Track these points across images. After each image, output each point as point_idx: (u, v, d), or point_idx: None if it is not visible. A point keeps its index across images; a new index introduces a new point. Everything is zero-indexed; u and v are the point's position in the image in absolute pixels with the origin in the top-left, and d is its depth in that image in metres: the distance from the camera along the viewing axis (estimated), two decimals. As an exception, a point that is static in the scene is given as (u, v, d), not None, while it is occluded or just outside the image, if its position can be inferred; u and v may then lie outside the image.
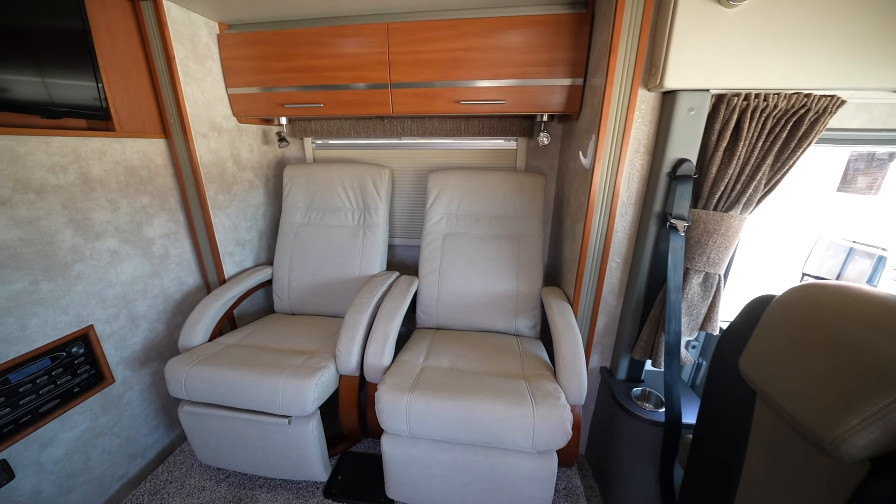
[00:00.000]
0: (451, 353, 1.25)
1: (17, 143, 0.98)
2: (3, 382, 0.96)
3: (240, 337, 1.35)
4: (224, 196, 1.55)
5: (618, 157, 1.15)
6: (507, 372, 1.14)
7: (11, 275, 0.98)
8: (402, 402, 0.97)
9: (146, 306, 1.35)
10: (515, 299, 1.48)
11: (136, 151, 1.29)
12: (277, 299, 1.65)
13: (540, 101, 1.36)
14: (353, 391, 1.18)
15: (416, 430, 0.98)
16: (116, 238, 1.24)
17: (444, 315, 1.51)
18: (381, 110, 1.46)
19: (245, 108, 1.57)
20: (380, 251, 1.61)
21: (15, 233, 0.98)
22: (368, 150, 1.87)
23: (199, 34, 1.41)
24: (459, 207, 1.60)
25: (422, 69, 1.37)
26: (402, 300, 1.31)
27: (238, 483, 1.26)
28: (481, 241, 1.55)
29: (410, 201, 1.90)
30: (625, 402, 1.22)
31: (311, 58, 1.43)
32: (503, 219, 1.57)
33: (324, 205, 1.68)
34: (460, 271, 1.52)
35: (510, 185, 1.56)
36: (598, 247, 1.24)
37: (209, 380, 1.09)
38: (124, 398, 1.29)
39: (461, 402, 0.96)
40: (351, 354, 1.14)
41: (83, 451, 1.17)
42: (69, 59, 1.07)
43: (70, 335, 1.11)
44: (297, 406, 1.04)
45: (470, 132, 1.68)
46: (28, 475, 1.03)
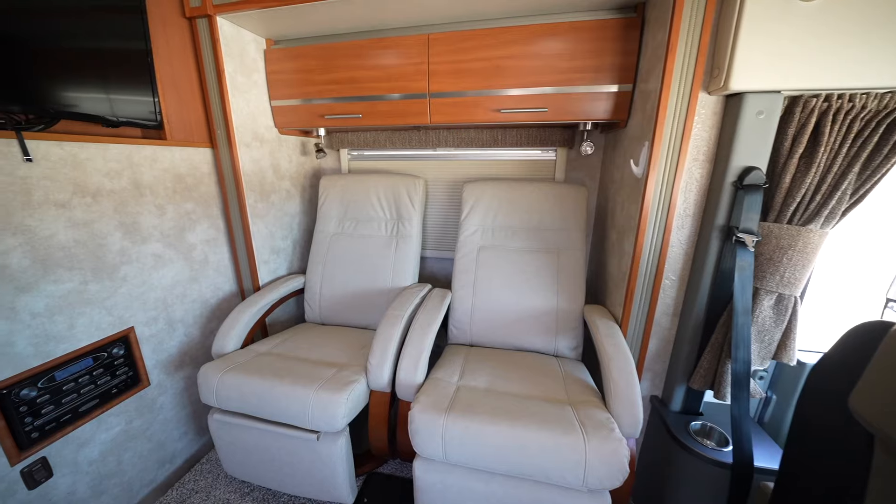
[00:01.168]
0: (488, 372, 1.17)
1: (79, 150, 1.03)
2: (49, 380, 0.98)
3: (271, 345, 1.34)
4: (263, 204, 1.58)
5: (674, 166, 1.06)
6: (550, 396, 1.04)
7: (64, 274, 1.01)
8: (438, 425, 0.90)
9: (184, 311, 1.37)
10: (555, 317, 1.38)
11: (183, 160, 1.33)
12: (308, 308, 1.64)
13: (584, 109, 1.30)
14: (383, 408, 1.12)
15: (453, 455, 0.90)
16: (161, 242, 1.27)
17: (478, 331, 1.44)
18: (418, 120, 1.44)
19: (286, 119, 1.60)
20: (412, 262, 1.58)
21: (71, 234, 1.02)
22: (403, 162, 1.86)
23: (247, 49, 1.46)
24: (495, 219, 1.54)
25: (462, 78, 1.35)
26: (436, 314, 1.26)
27: (262, 498, 1.21)
28: (518, 254, 1.48)
29: (443, 213, 1.86)
30: (682, 438, 1.09)
31: (352, 70, 1.45)
32: (541, 231, 1.50)
33: (357, 215, 1.67)
34: (496, 285, 1.45)
35: (549, 196, 1.49)
36: (650, 263, 1.14)
37: (240, 388, 1.07)
38: (158, 402, 1.30)
39: (503, 429, 0.87)
40: (383, 369, 1.09)
41: (116, 454, 1.17)
42: (132, 77, 1.13)
43: (112, 336, 1.13)
44: (326, 421, 0.99)
45: (507, 143, 1.64)
46: (65, 474, 1.03)
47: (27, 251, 0.93)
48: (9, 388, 0.90)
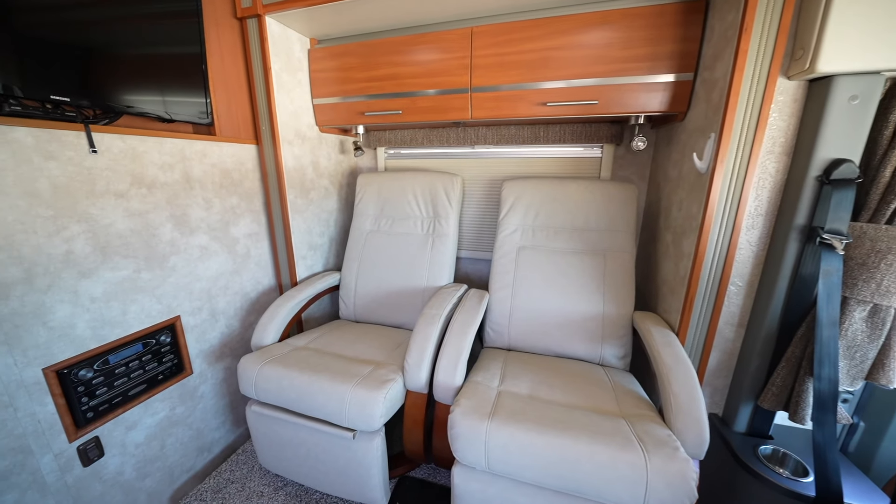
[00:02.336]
0: (529, 378, 1.10)
1: (138, 143, 1.07)
2: (103, 363, 1.02)
3: (307, 340, 1.34)
4: (302, 201, 1.60)
5: (746, 160, 0.96)
6: (599, 408, 0.96)
7: (120, 262, 1.05)
8: (481, 431, 0.84)
9: (226, 302, 1.40)
10: (601, 323, 1.29)
11: (230, 155, 1.37)
12: (343, 305, 1.64)
13: (637, 101, 1.21)
14: (420, 410, 1.08)
15: (496, 465, 0.84)
16: (207, 235, 1.30)
17: (517, 335, 1.37)
18: (458, 116, 1.41)
19: (327, 117, 1.62)
20: (448, 261, 1.54)
21: (128, 223, 1.06)
22: (439, 160, 1.84)
23: (292, 48, 1.49)
24: (536, 218, 1.48)
25: (506, 71, 1.30)
26: (475, 315, 1.21)
27: (295, 494, 1.20)
28: (561, 255, 1.40)
29: (480, 212, 1.82)
30: (750, 463, 0.97)
31: (393, 66, 1.44)
32: (586, 232, 1.41)
33: (393, 212, 1.66)
34: (536, 287, 1.38)
35: (595, 195, 1.41)
36: (714, 266, 1.04)
37: (278, 381, 1.06)
38: (199, 391, 1.33)
39: (552, 439, 0.81)
40: (420, 369, 1.05)
41: (160, 439, 1.20)
42: (187, 82, 1.18)
43: (160, 324, 1.17)
44: (363, 420, 0.96)
45: (549, 139, 1.57)
46: (114, 455, 1.07)
47: (89, 238, 0.97)
48: (69, 367, 0.94)
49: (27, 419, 0.88)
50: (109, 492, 1.07)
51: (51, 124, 0.88)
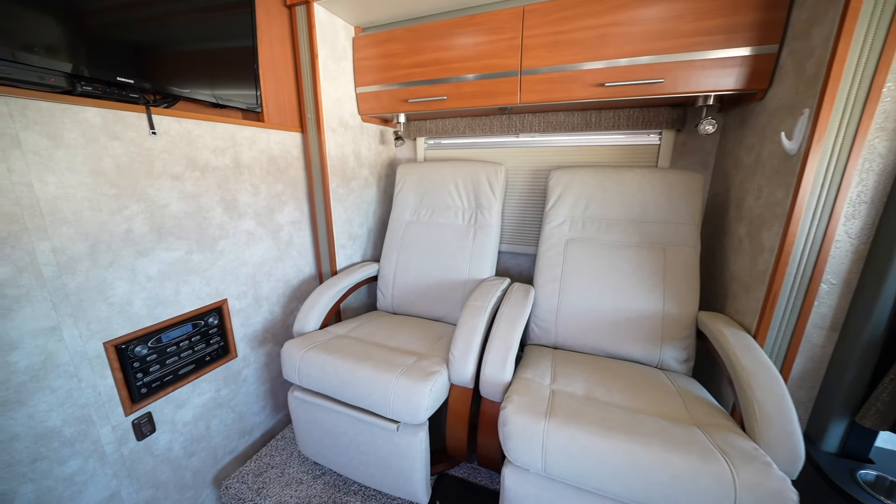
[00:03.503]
0: (583, 378, 1.02)
1: (193, 127, 1.09)
2: (157, 340, 1.04)
3: (347, 329, 1.32)
4: (343, 190, 1.59)
5: (850, 138, 0.83)
6: (668, 414, 0.86)
7: (174, 243, 1.07)
8: (538, 430, 0.78)
9: (269, 288, 1.41)
10: (660, 323, 1.18)
11: (277, 142, 1.38)
12: (381, 296, 1.62)
13: (708, 79, 1.10)
14: (465, 405, 1.03)
15: (554, 468, 0.77)
16: (254, 220, 1.32)
17: (565, 332, 1.29)
18: (506, 100, 1.35)
19: (370, 106, 1.61)
20: (490, 253, 1.47)
21: (182, 205, 1.08)
22: (481, 150, 1.78)
23: (338, 36, 1.49)
24: (587, 210, 1.38)
25: (560, 51, 1.22)
26: (523, 309, 1.14)
27: (333, 484, 1.19)
28: (614, 248, 1.30)
29: (522, 204, 1.74)
30: (850, 489, 0.84)
31: (439, 51, 1.40)
32: (644, 224, 1.30)
33: (434, 203, 1.62)
34: (587, 282, 1.29)
35: (654, 184, 1.30)
36: (804, 261, 0.91)
37: (322, 367, 1.04)
38: (242, 374, 1.34)
39: (620, 445, 0.73)
40: (467, 362, 1.00)
41: (206, 419, 1.22)
42: (240, 72, 1.20)
43: (209, 306, 1.19)
44: (408, 412, 0.92)
45: (602, 126, 1.47)
46: (165, 432, 1.09)
47: (147, 218, 1.00)
48: (126, 343, 0.97)
49: (89, 390, 0.91)
50: (159, 467, 1.09)
51: (116, 105, 0.91)
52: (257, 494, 1.15)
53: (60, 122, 0.82)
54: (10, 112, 0.75)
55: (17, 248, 0.77)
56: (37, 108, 0.78)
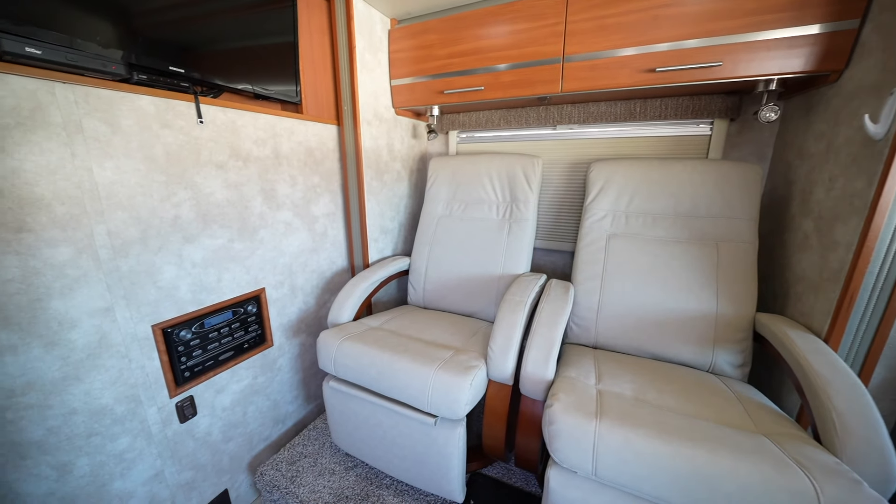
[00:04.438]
0: (630, 380, 0.96)
1: (237, 117, 1.11)
2: (200, 326, 1.06)
3: (381, 321, 1.31)
4: (377, 183, 1.59)
5: (952, 118, 0.74)
6: (728, 420, 0.80)
7: (218, 231, 1.09)
8: (588, 431, 0.73)
9: (304, 279, 1.43)
10: (713, 324, 1.10)
11: (314, 134, 1.39)
12: (412, 290, 1.60)
13: (773, 62, 1.02)
14: (503, 402, 0.99)
15: (605, 472, 0.72)
16: (291, 211, 1.33)
17: (606, 332, 1.22)
18: (546, 89, 1.30)
19: (404, 98, 1.60)
20: (526, 248, 1.43)
21: (225, 194, 1.10)
22: (515, 143, 1.73)
23: (375, 28, 1.48)
24: (630, 204, 1.31)
25: (606, 36, 1.17)
26: (564, 305, 1.09)
27: (366, 476, 1.18)
28: (661, 244, 1.23)
29: (558, 199, 1.68)
30: (944, 515, 0.74)
31: (476, 40, 1.37)
32: (694, 219, 1.22)
33: (467, 197, 1.59)
34: (630, 280, 1.22)
35: (706, 177, 1.21)
36: (889, 259, 0.82)
37: (358, 358, 1.04)
38: (277, 363, 1.36)
39: (681, 450, 0.67)
40: (507, 357, 0.96)
41: (243, 405, 1.24)
42: (279, 67, 1.21)
43: (248, 294, 1.20)
44: (447, 406, 0.90)
45: (648, 116, 1.40)
46: (205, 415, 1.12)
47: (193, 205, 1.02)
48: (172, 327, 0.99)
49: (138, 371, 0.94)
50: (200, 449, 1.12)
51: (167, 94, 0.93)
52: (291, 482, 1.16)
53: (118, 109, 0.85)
54: (76, 99, 0.78)
55: (78, 230, 0.80)
56: (97, 95, 0.81)
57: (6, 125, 0.70)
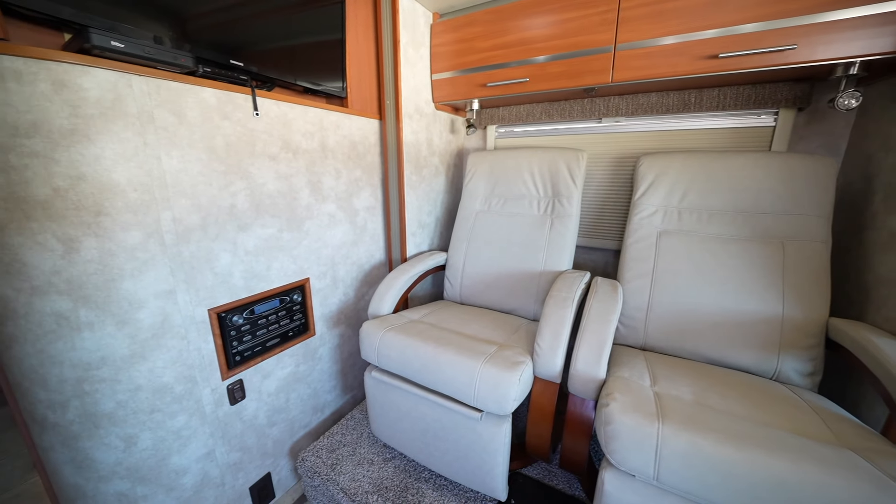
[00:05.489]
0: (688, 384, 0.91)
1: (289, 110, 1.14)
2: (250, 312, 1.10)
3: (420, 315, 1.31)
4: (416, 177, 1.59)
5: None
6: (804, 431, 0.73)
7: (269, 220, 1.12)
8: (650, 433, 0.69)
9: (345, 271, 1.45)
10: (779, 328, 1.02)
11: (358, 128, 1.41)
12: (449, 286, 1.59)
13: (859, 41, 0.93)
14: (550, 400, 0.96)
15: (669, 478, 0.68)
16: (335, 204, 1.35)
17: (656, 333, 1.17)
18: (595, 80, 1.25)
19: (444, 92, 1.59)
20: (569, 245, 1.39)
21: (276, 185, 1.13)
22: (556, 137, 1.69)
23: (418, 22, 1.49)
24: (683, 199, 1.25)
25: (663, 21, 1.11)
26: (614, 303, 1.05)
27: (404, 468, 1.18)
28: (719, 242, 1.16)
29: (600, 195, 1.62)
30: None
31: (521, 31, 1.34)
32: (756, 216, 1.14)
33: (506, 192, 1.56)
34: (684, 279, 1.16)
35: (771, 171, 1.13)
36: None
37: (402, 350, 1.04)
38: (318, 352, 1.39)
39: (758, 459, 0.62)
40: (555, 355, 0.93)
41: (286, 392, 1.28)
42: (327, 63, 1.25)
43: (294, 283, 1.24)
44: (495, 401, 0.88)
45: (704, 106, 1.32)
46: (252, 399, 1.15)
47: (248, 195, 1.06)
48: (226, 312, 1.03)
49: (195, 353, 0.98)
50: (246, 432, 1.15)
51: (227, 87, 0.97)
52: (332, 470, 1.18)
53: (184, 101, 0.89)
54: (149, 91, 0.82)
55: (148, 215, 0.85)
56: (167, 87, 0.85)
57: (91, 115, 0.74)
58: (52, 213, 0.73)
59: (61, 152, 0.72)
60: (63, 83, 0.71)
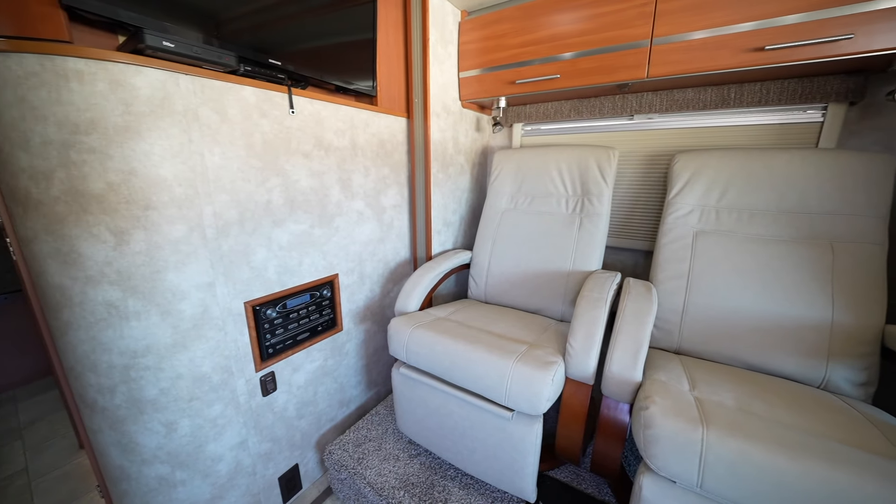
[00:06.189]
0: (730, 390, 0.87)
1: (322, 108, 1.16)
2: (282, 306, 1.12)
3: (446, 312, 1.31)
4: (442, 175, 1.59)
5: None
6: (861, 444, 0.69)
7: (301, 216, 1.15)
8: (694, 438, 0.67)
9: (371, 268, 1.46)
10: (827, 335, 0.97)
11: (387, 126, 1.42)
12: (474, 284, 1.59)
13: (924, 30, 0.87)
14: (582, 402, 0.94)
15: (714, 486, 0.65)
16: (363, 201, 1.37)
17: (692, 336, 1.13)
18: (630, 75, 1.22)
19: (472, 90, 1.59)
20: (599, 245, 1.36)
21: (309, 182, 1.15)
22: (584, 135, 1.66)
23: (447, 20, 1.49)
24: (722, 198, 1.20)
25: (705, 13, 1.07)
26: (649, 304, 1.01)
27: (430, 466, 1.18)
28: (760, 243, 1.11)
29: (631, 194, 1.58)
30: None
31: (553, 27, 1.32)
32: (802, 216, 1.09)
33: (533, 190, 1.54)
34: (722, 281, 1.11)
35: (821, 168, 1.07)
36: None
37: (431, 346, 1.04)
38: (345, 348, 1.41)
39: (816, 471, 0.59)
40: (589, 356, 0.91)
41: (314, 385, 1.30)
42: (359, 64, 1.27)
43: (323, 279, 1.26)
44: (527, 400, 0.87)
45: (744, 102, 1.27)
46: (283, 392, 1.18)
47: (283, 191, 1.08)
48: (261, 305, 1.06)
49: (232, 344, 1.01)
50: (277, 423, 1.18)
51: (266, 85, 0.99)
52: (358, 464, 1.19)
53: (226, 99, 0.91)
54: (195, 89, 0.85)
55: (191, 209, 0.88)
56: (211, 86, 0.88)
57: (142, 112, 0.77)
58: (105, 206, 0.76)
59: (115, 148, 0.76)
60: (118, 82, 0.74)
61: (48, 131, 0.70)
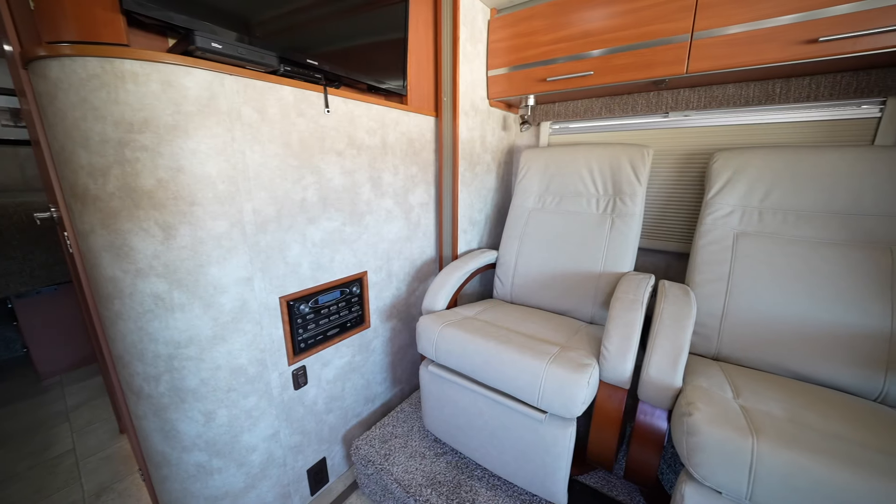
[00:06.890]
0: (777, 400, 0.83)
1: (355, 107, 1.17)
2: (314, 302, 1.14)
3: (474, 312, 1.30)
4: (469, 174, 1.59)
5: None
6: (934, 462, 0.64)
7: (334, 214, 1.16)
8: (744, 448, 0.64)
9: (398, 266, 1.47)
10: (887, 345, 0.91)
11: (416, 125, 1.42)
12: (500, 284, 1.57)
13: None
14: (617, 407, 0.92)
15: (768, 498, 0.62)
16: (392, 200, 1.38)
17: (732, 342, 1.08)
18: (668, 70, 1.18)
19: (500, 88, 1.57)
20: (631, 246, 1.32)
21: (342, 180, 1.17)
22: (615, 133, 1.62)
23: (476, 18, 1.48)
24: (766, 198, 1.14)
25: (750, 5, 1.03)
26: (688, 308, 0.98)
27: (456, 465, 1.17)
28: (808, 246, 1.05)
29: (664, 194, 1.53)
30: None
31: (586, 22, 1.30)
32: (855, 217, 1.03)
33: (562, 189, 1.52)
34: (766, 285, 1.06)
35: (877, 166, 1.01)
36: None
37: (462, 345, 1.03)
38: (372, 344, 1.42)
39: (880, 490, 0.55)
40: (625, 359, 0.89)
41: (342, 381, 1.32)
42: (390, 64, 1.28)
43: (353, 276, 1.27)
44: (562, 402, 0.85)
45: (791, 98, 1.20)
46: (313, 386, 1.20)
47: (317, 189, 1.10)
48: (295, 300, 1.08)
49: (267, 338, 1.03)
50: (307, 416, 1.20)
51: (303, 85, 1.01)
52: (385, 460, 1.20)
53: (266, 99, 0.94)
54: (238, 89, 0.87)
55: (233, 206, 0.91)
56: (253, 86, 0.91)
57: (190, 112, 0.80)
58: (155, 202, 0.80)
59: (165, 146, 0.79)
60: (170, 83, 0.77)
61: (106, 130, 0.74)
